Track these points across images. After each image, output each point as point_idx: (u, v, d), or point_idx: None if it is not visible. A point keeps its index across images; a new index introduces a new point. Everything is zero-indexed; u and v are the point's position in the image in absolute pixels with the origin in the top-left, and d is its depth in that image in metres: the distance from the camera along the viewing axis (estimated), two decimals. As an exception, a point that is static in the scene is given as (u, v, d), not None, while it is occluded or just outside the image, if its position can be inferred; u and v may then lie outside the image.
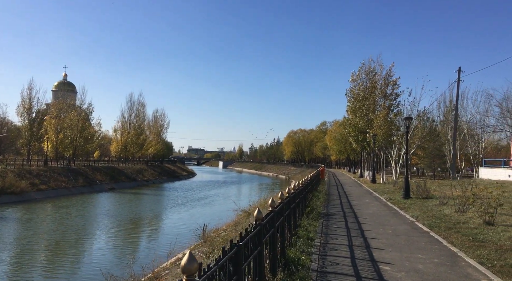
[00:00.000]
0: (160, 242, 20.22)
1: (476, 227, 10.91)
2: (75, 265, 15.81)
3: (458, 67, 36.28)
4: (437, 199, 17.70)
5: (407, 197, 19.04)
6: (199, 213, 30.72)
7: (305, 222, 11.31)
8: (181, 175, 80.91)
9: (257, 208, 4.77)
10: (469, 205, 13.59)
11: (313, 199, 17.57)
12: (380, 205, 17.45)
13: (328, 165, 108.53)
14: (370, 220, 12.75)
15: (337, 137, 67.57)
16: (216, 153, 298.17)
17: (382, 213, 14.51)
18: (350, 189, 27.68)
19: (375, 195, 22.85)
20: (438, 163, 54.29)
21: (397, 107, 38.27)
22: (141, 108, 76.71)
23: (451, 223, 11.88)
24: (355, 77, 39.86)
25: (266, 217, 5.38)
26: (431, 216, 13.36)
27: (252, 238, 4.27)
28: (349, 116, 41.22)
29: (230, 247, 3.34)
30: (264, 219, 5.04)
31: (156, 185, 60.53)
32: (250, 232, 4.27)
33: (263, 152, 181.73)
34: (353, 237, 9.65)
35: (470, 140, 49.28)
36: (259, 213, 4.70)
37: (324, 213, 13.95)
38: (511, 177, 23.03)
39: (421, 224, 11.90)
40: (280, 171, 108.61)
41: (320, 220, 12.38)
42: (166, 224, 26.84)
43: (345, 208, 15.70)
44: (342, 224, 11.68)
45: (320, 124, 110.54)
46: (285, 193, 8.45)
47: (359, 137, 39.88)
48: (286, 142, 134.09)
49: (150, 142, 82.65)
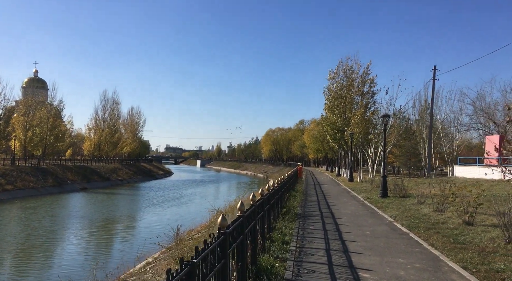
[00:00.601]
0: (131, 244, 19.36)
1: (455, 228, 10.60)
2: (37, 270, 14.79)
3: (434, 66, 36.60)
4: (414, 198, 17.48)
5: (384, 196, 18.79)
6: (174, 213, 29.88)
7: (281, 224, 10.76)
8: (157, 174, 79.32)
9: (221, 215, 4.13)
10: (447, 204, 13.34)
11: (289, 199, 17.07)
12: (358, 204, 17.10)
13: (306, 163, 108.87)
14: (348, 220, 12.30)
15: (315, 136, 67.60)
16: (194, 152, 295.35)
17: (360, 213, 14.12)
18: (328, 188, 27.38)
19: (352, 194, 22.57)
20: (414, 161, 54.95)
21: (374, 106, 38.36)
22: (116, 105, 74.81)
23: (430, 223, 11.55)
24: (332, 75, 39.70)
25: (233, 223, 4.75)
26: (410, 216, 13.04)
27: (213, 251, 3.63)
28: (327, 114, 41.06)
29: (180, 267, 2.68)
30: (230, 226, 4.40)
31: (131, 184, 59.00)
32: (211, 243, 3.63)
33: (242, 151, 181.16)
34: (331, 239, 9.14)
35: (444, 139, 50.07)
36: (223, 220, 4.05)
37: (301, 214, 13.44)
38: (487, 175, 23.16)
39: (400, 225, 11.53)
40: (258, 170, 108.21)
41: (297, 221, 11.85)
42: (139, 225, 25.89)
43: (322, 208, 15.25)
44: (320, 226, 11.18)
45: (298, 122, 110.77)
46: (258, 194, 7.84)
47: (337, 135, 39.77)
48: (264, 140, 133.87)
49: (125, 140, 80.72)
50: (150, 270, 11.76)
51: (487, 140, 28.21)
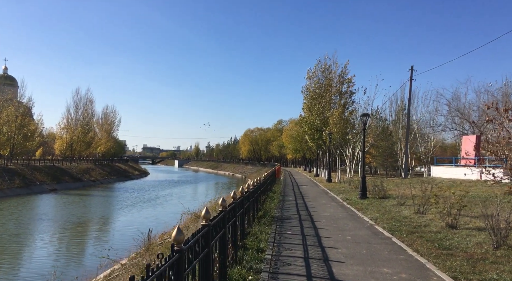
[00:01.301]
0: (99, 249, 18.26)
1: (439, 231, 10.12)
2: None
3: (411, 66, 36.65)
4: (394, 199, 17.08)
5: (363, 197, 18.33)
6: (148, 215, 28.77)
7: (256, 229, 10.02)
8: (132, 174, 77.37)
9: (176, 227, 3.33)
10: (428, 206, 12.92)
11: (266, 201, 16.37)
12: (337, 206, 16.55)
13: (284, 164, 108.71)
14: (328, 224, 11.68)
15: (293, 136, 67.32)
16: (172, 152, 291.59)
17: (340, 216, 13.54)
18: (306, 188, 26.86)
19: (331, 195, 22.08)
20: (390, 161, 55.33)
21: (352, 105, 38.20)
22: (89, 104, 72.49)
23: (412, 226, 11.05)
24: (311, 74, 39.35)
25: (194, 235, 3.97)
26: (391, 218, 12.54)
27: (164, 272, 2.86)
28: (305, 114, 40.68)
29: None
30: (189, 240, 3.62)
31: (104, 185, 57.14)
32: (165, 264, 2.86)
33: (220, 151, 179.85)
34: (310, 246, 8.46)
35: (420, 139, 50.55)
36: (178, 234, 3.25)
37: (278, 217, 12.75)
38: (466, 175, 23.13)
39: (381, 228, 10.98)
40: (236, 170, 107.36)
41: (274, 225, 11.14)
42: (111, 228, 24.70)
43: (300, 211, 14.61)
44: (298, 230, 10.50)
45: (277, 122, 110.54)
46: (230, 198, 7.08)
47: (315, 135, 39.44)
48: (242, 140, 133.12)
49: (99, 140, 78.34)
50: (113, 279, 10.83)
51: (463, 140, 28.32)
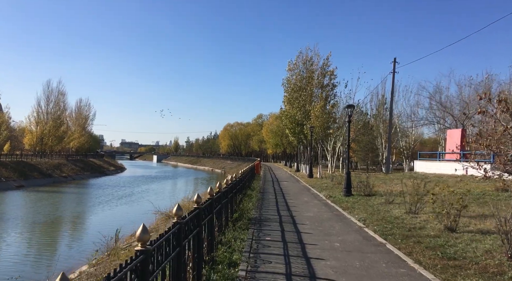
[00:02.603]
0: (61, 253, 16.61)
1: (437, 235, 8.93)
2: None
3: (394, 58, 35.75)
4: (381, 197, 15.96)
5: (348, 195, 17.15)
6: (119, 214, 27.01)
7: (230, 235, 8.60)
8: (107, 170, 74.69)
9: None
10: (422, 205, 11.78)
11: (244, 199, 14.96)
12: (320, 204, 15.29)
13: (264, 158, 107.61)
14: (312, 226, 10.37)
15: (273, 130, 66.12)
16: (151, 147, 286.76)
17: (325, 216, 12.26)
18: (287, 185, 25.59)
19: (313, 191, 20.85)
20: (371, 156, 54.79)
21: (334, 99, 37.09)
22: (61, 97, 69.34)
23: (405, 228, 9.85)
24: (292, 66, 38.00)
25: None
26: (380, 219, 11.33)
27: None
28: (286, 107, 39.37)
29: None
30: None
31: (76, 181, 54.62)
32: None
33: (200, 146, 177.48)
34: (293, 257, 7.10)
35: (401, 134, 50.11)
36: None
37: (256, 219, 11.36)
38: (457, 171, 22.29)
39: (372, 231, 9.74)
40: (216, 165, 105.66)
41: (251, 229, 9.75)
42: (77, 229, 22.86)
43: (281, 210, 13.27)
44: (278, 235, 9.14)
45: (257, 117, 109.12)
46: (193, 202, 5.62)
47: (296, 129, 38.22)
48: (222, 135, 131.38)
49: (72, 134, 75.38)
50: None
51: (448, 134, 27.60)
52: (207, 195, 6.90)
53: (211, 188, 6.79)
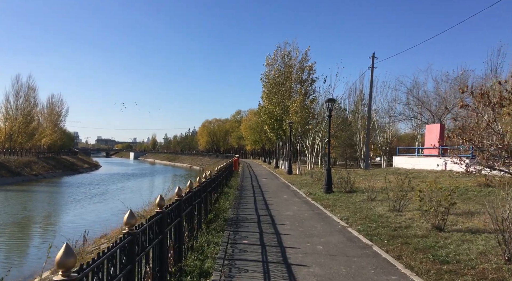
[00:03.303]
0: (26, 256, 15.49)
1: (425, 235, 8.39)
2: None
3: (372, 53, 35.49)
4: (363, 193, 15.47)
5: (329, 191, 16.59)
6: (90, 214, 25.80)
7: (203, 239, 7.81)
8: (81, 167, 72.32)
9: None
10: (406, 202, 11.28)
11: (220, 198, 14.17)
12: (300, 202, 14.65)
13: (243, 155, 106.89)
14: (292, 227, 9.69)
15: (252, 126, 65.43)
16: (128, 144, 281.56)
17: (305, 215, 11.61)
18: (266, 181, 24.92)
19: (293, 189, 20.24)
20: (350, 152, 54.82)
21: (313, 94, 36.64)
22: (31, 92, 66.29)
23: (391, 228, 9.29)
24: (270, 61, 37.37)
25: None
26: (364, 217, 10.76)
27: None
28: (265, 102, 38.70)
29: None
30: None
31: (48, 180, 52.46)
32: None
33: (178, 143, 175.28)
34: (272, 264, 6.37)
35: (378, 129, 50.26)
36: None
37: (232, 219, 10.60)
38: (431, 166, 22.06)
39: (356, 232, 9.14)
40: (194, 162, 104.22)
41: (226, 231, 9.00)
42: (44, 230, 21.57)
43: (259, 209, 12.55)
44: (256, 237, 8.41)
45: (235, 113, 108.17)
46: (155, 205, 4.82)
47: (275, 125, 37.63)
48: (200, 132, 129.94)
49: (44, 131, 72.48)
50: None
51: (427, 129, 27.50)
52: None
53: (179, 188, 5.99)
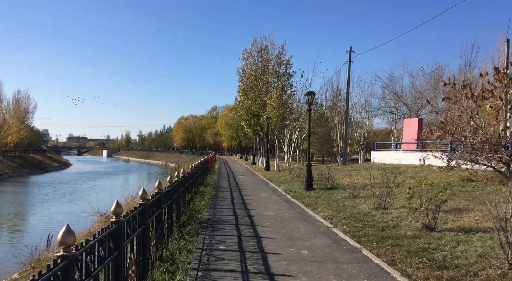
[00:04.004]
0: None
1: (416, 235, 7.81)
2: None
3: (349, 47, 35.20)
4: (344, 190, 14.90)
5: (309, 189, 15.96)
6: (56, 215, 24.40)
7: (175, 246, 6.95)
8: (50, 166, 69.52)
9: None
10: (391, 199, 10.72)
11: (195, 198, 13.29)
12: (280, 201, 13.94)
13: (220, 152, 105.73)
14: (273, 229, 8.94)
15: (228, 122, 64.37)
16: (101, 142, 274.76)
17: (287, 215, 10.89)
18: (243, 179, 24.13)
19: (271, 186, 19.53)
20: (327, 147, 54.75)
21: (290, 89, 36.02)
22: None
23: (378, 228, 8.68)
24: (246, 55, 36.48)
25: None
26: (348, 216, 10.13)
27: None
28: (241, 97, 37.80)
29: None
30: None
31: (13, 179, 49.96)
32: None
33: (153, 140, 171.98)
34: (253, 275, 5.59)
35: (355, 124, 50.31)
36: None
37: (208, 221, 9.77)
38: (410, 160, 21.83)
39: (341, 233, 8.48)
40: (170, 159, 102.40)
41: (202, 235, 8.17)
42: (5, 233, 20.12)
43: (237, 209, 11.75)
44: (234, 242, 7.61)
45: (211, 109, 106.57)
46: (111, 213, 3.93)
47: (252, 120, 36.82)
48: (176, 128, 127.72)
49: (10, 128, 69.20)
50: None
51: (405, 123, 27.36)
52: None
53: (143, 191, 5.12)
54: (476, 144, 13.89)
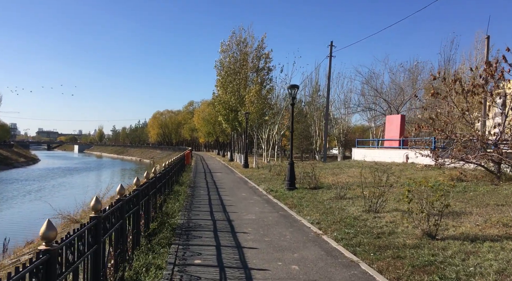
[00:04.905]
0: None
1: (417, 244, 6.95)
2: None
3: (330, 42, 34.53)
4: (328, 190, 14.05)
5: (292, 188, 15.02)
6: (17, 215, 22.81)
7: (141, 262, 5.82)
8: (16, 162, 66.33)
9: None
10: (383, 201, 9.88)
11: (169, 198, 12.12)
12: (262, 202, 12.93)
13: (196, 148, 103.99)
14: (256, 236, 7.92)
15: (205, 118, 62.93)
16: (72, 136, 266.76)
17: (270, 219, 9.89)
18: (221, 177, 23.01)
19: (251, 184, 18.51)
20: (306, 144, 54.21)
21: (269, 84, 35.04)
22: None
23: (373, 235, 7.80)
24: (225, 48, 35.22)
25: None
26: (338, 221, 9.22)
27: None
28: (219, 91, 36.56)
29: None
30: None
31: (-27, 175, 47.19)
32: None
33: (127, 135, 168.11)
34: (235, 302, 4.56)
35: (334, 121, 49.93)
36: None
37: (183, 227, 8.66)
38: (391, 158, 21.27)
39: (333, 241, 7.54)
40: (144, 155, 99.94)
41: (174, 245, 7.07)
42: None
43: (215, 212, 10.67)
44: (212, 254, 6.54)
45: (188, 104, 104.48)
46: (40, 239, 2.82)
47: (230, 115, 35.67)
48: (151, 124, 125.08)
49: (-27, 121, 65.54)
50: None
51: (387, 120, 26.86)
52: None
53: (96, 200, 3.98)
54: (467, 142, 13.29)
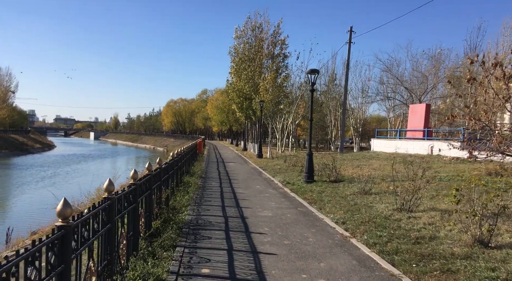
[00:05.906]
0: None
1: (468, 254, 5.80)
2: None
3: (350, 27, 32.88)
4: (350, 184, 12.90)
5: (310, 181, 13.92)
6: (30, 201, 22.50)
7: (137, 271, 4.82)
8: (32, 148, 66.61)
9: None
10: (417, 199, 8.71)
11: (178, 190, 11.15)
12: (278, 196, 11.87)
13: (210, 136, 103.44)
14: (274, 238, 6.87)
15: (219, 106, 61.93)
16: (88, 123, 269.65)
17: (288, 216, 8.82)
18: (234, 167, 22.02)
19: (266, 176, 17.45)
20: (321, 134, 52.81)
21: (285, 71, 33.70)
22: (-28, 63, 59.57)
23: (410, 239, 6.67)
24: (239, 33, 33.95)
25: None
26: (367, 220, 8.10)
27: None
28: (233, 79, 35.41)
29: None
30: None
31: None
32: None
33: (141, 123, 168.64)
34: None
35: (351, 110, 48.37)
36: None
37: (191, 224, 7.67)
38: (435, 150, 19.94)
39: (364, 246, 6.44)
40: (158, 143, 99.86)
41: (180, 247, 6.08)
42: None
43: (228, 207, 9.66)
44: (223, 261, 5.51)
45: (201, 92, 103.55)
46: None
47: (244, 104, 34.53)
48: (165, 112, 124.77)
49: (-11, 107, 65.97)
50: None
51: (410, 109, 25.38)
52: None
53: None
54: (504, 132, 11.93)
